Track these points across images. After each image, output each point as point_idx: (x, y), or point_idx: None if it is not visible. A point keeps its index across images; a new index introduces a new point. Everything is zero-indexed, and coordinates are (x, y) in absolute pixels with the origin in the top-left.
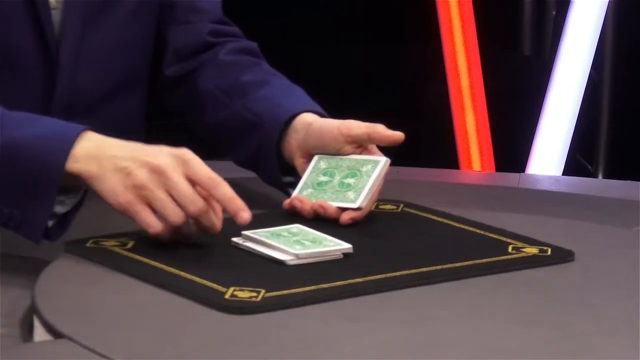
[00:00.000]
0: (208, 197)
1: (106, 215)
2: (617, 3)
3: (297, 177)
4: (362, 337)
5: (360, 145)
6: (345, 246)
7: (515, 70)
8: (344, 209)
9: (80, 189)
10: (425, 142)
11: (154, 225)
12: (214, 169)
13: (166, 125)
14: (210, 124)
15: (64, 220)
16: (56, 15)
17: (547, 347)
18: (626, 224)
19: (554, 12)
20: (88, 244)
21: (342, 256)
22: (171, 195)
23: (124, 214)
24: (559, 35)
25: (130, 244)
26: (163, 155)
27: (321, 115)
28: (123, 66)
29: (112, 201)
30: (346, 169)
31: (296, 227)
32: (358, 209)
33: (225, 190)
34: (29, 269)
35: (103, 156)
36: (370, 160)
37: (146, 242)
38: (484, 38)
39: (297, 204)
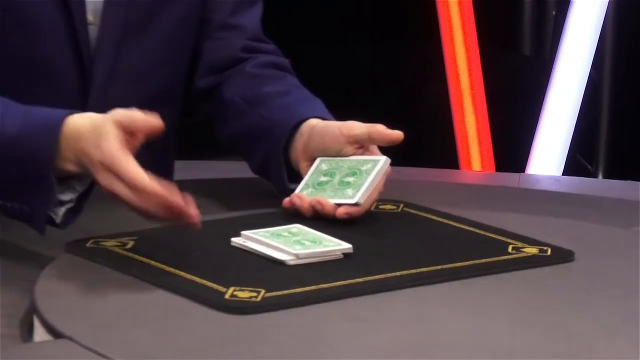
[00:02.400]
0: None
1: (106, 215)
2: (617, 3)
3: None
4: (362, 337)
5: (362, 146)
6: (345, 246)
7: (515, 70)
8: (341, 206)
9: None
10: (425, 142)
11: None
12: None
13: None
14: (229, 132)
15: (76, 206)
16: (93, 31)
17: (547, 346)
18: (626, 224)
19: (554, 12)
20: (88, 244)
21: (342, 256)
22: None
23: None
24: (559, 35)
25: (130, 244)
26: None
27: (326, 119)
28: (158, 84)
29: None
30: (347, 169)
31: (296, 227)
32: (356, 204)
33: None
34: (29, 269)
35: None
36: (370, 160)
37: (146, 242)
38: (484, 38)
39: (297, 201)
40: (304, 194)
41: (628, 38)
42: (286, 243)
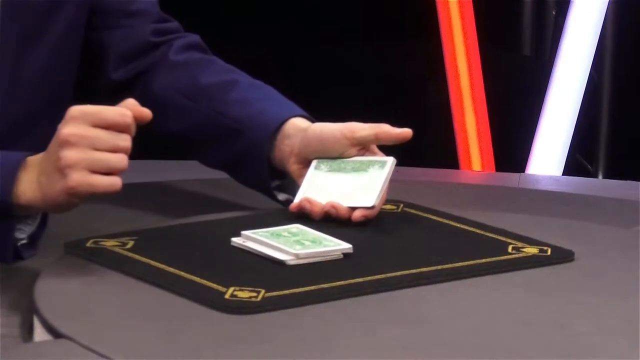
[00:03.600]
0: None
1: (106, 215)
2: (617, 3)
3: (285, 181)
4: (362, 337)
5: (363, 147)
6: (345, 246)
7: (515, 70)
8: (354, 209)
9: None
10: (425, 142)
11: (113, 183)
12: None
13: None
14: (175, 129)
15: (33, 239)
16: None
17: (547, 347)
18: (626, 224)
19: (554, 12)
20: (88, 244)
21: (342, 256)
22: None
23: (76, 197)
24: (559, 35)
25: (130, 244)
26: (61, 131)
27: (309, 119)
28: (56, 88)
29: (61, 199)
30: (351, 170)
31: (296, 227)
32: (371, 207)
33: (111, 110)
34: (29, 269)
35: (42, 184)
36: (377, 161)
37: (146, 242)
38: (484, 38)
39: (307, 205)
40: (312, 196)
41: (628, 38)
42: (286, 243)
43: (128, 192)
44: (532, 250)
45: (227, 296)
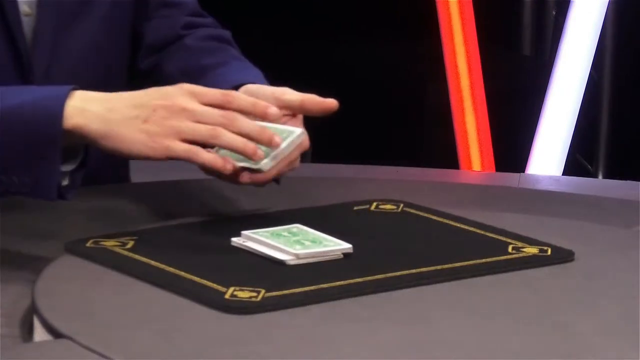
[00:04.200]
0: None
1: (106, 215)
2: (617, 3)
3: None
4: (362, 337)
5: (292, 115)
6: (345, 246)
7: (515, 70)
8: (246, 169)
9: (79, 149)
10: (426, 142)
11: (214, 159)
12: None
13: None
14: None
15: (73, 181)
16: (30, 22)
17: (547, 347)
18: (626, 224)
19: (554, 12)
20: (88, 244)
21: (342, 256)
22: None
23: (158, 157)
24: (559, 35)
25: (130, 244)
26: (170, 94)
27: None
28: (98, 69)
29: (143, 149)
30: None
31: (296, 227)
32: (258, 170)
33: (243, 97)
34: (29, 269)
35: (103, 112)
36: (285, 130)
37: (146, 242)
38: (484, 38)
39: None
40: (220, 153)
41: (628, 38)
42: (286, 243)
43: (128, 192)
44: (532, 250)
45: (227, 296)
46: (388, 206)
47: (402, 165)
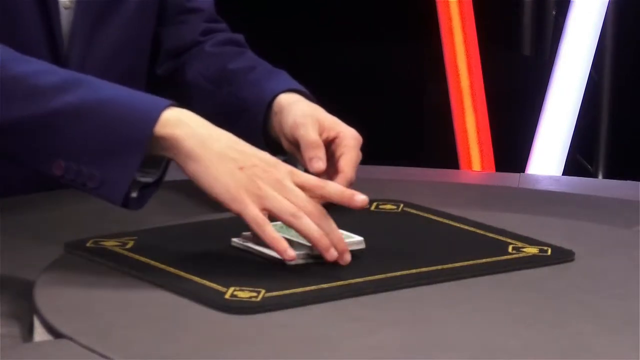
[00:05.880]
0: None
1: (106, 215)
2: (617, 3)
3: (288, 156)
4: (362, 337)
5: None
6: (357, 239)
7: (515, 70)
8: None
9: (160, 164)
10: (426, 142)
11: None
12: None
13: None
14: (199, 113)
15: (144, 194)
16: (68, 15)
17: (547, 346)
18: (626, 224)
19: (554, 12)
20: (88, 244)
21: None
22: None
23: (231, 207)
24: (559, 35)
25: (130, 244)
26: (273, 162)
27: (302, 94)
28: (123, 65)
29: (223, 193)
30: None
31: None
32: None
33: (333, 186)
34: (29, 269)
35: (204, 136)
36: (346, 235)
37: (146, 242)
38: (484, 38)
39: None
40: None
41: (628, 38)
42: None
43: None
44: (532, 250)
45: (227, 296)
46: (388, 206)
47: (402, 165)
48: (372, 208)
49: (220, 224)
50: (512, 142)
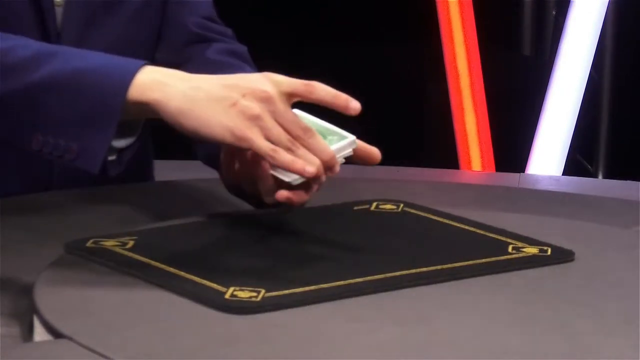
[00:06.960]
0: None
1: (106, 215)
2: (617, 3)
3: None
4: (362, 337)
5: None
6: (346, 141)
7: (515, 70)
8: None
9: (137, 127)
10: (426, 142)
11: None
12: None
13: None
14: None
15: (120, 158)
16: (59, 13)
17: (547, 346)
18: (626, 224)
19: (554, 12)
20: (88, 244)
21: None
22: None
23: (241, 146)
24: (559, 35)
25: (130, 244)
26: (255, 80)
27: None
28: None
29: (227, 135)
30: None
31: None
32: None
33: (323, 90)
34: (29, 269)
35: (185, 90)
36: (338, 133)
37: (146, 242)
38: (484, 38)
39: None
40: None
41: (628, 38)
42: None
43: (128, 192)
44: (532, 250)
45: (227, 296)
46: (388, 206)
47: (402, 165)
48: (372, 208)
49: (221, 224)
50: (512, 142)
